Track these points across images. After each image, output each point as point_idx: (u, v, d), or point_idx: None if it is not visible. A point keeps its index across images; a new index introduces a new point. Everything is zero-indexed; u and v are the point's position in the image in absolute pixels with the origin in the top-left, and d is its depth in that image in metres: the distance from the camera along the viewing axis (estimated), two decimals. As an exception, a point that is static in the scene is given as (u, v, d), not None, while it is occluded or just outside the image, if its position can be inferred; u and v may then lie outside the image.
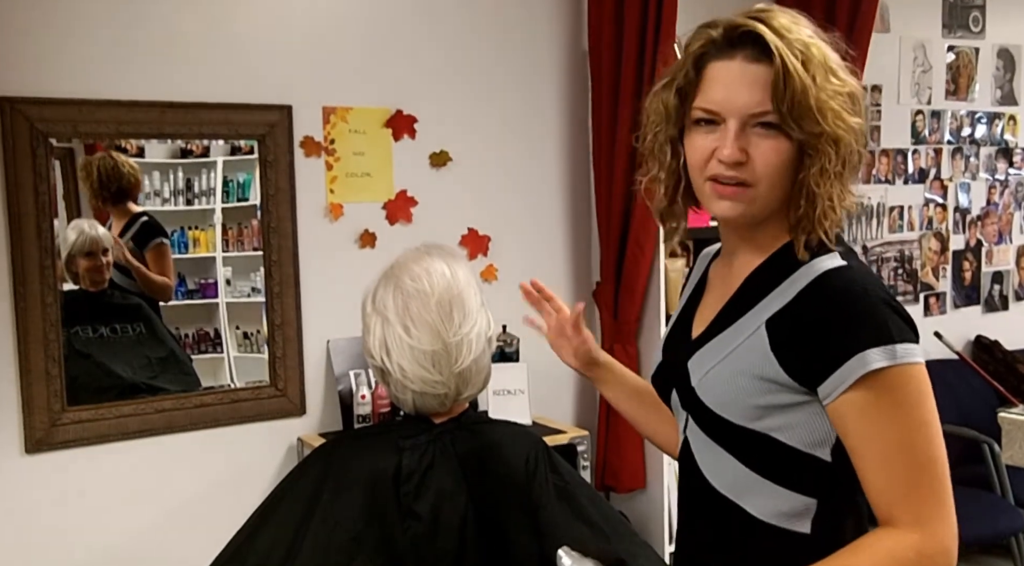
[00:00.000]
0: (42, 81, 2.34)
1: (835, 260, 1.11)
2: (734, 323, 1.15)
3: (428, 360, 1.39)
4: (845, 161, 1.10)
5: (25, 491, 2.38)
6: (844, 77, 1.10)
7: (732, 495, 1.16)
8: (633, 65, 2.84)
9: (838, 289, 1.07)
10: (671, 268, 2.98)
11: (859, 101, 1.11)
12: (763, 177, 1.10)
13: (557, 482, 1.48)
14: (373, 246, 2.78)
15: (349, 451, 1.46)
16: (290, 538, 1.39)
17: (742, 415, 1.12)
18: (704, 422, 1.18)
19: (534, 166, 3.05)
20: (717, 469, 1.18)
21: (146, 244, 2.63)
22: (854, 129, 1.09)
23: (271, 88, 2.61)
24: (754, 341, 1.11)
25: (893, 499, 1.04)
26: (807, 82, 1.06)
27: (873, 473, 1.05)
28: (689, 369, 1.20)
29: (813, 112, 1.07)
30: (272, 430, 2.68)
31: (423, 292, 1.40)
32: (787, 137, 1.08)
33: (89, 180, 2.50)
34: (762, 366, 1.09)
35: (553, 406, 3.08)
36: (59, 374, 2.38)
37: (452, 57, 2.88)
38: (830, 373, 1.04)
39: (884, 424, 1.03)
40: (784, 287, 1.11)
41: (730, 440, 1.15)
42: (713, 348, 1.17)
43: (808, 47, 1.08)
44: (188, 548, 2.51)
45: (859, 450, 1.06)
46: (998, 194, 4.24)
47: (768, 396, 1.10)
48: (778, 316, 1.10)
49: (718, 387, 1.15)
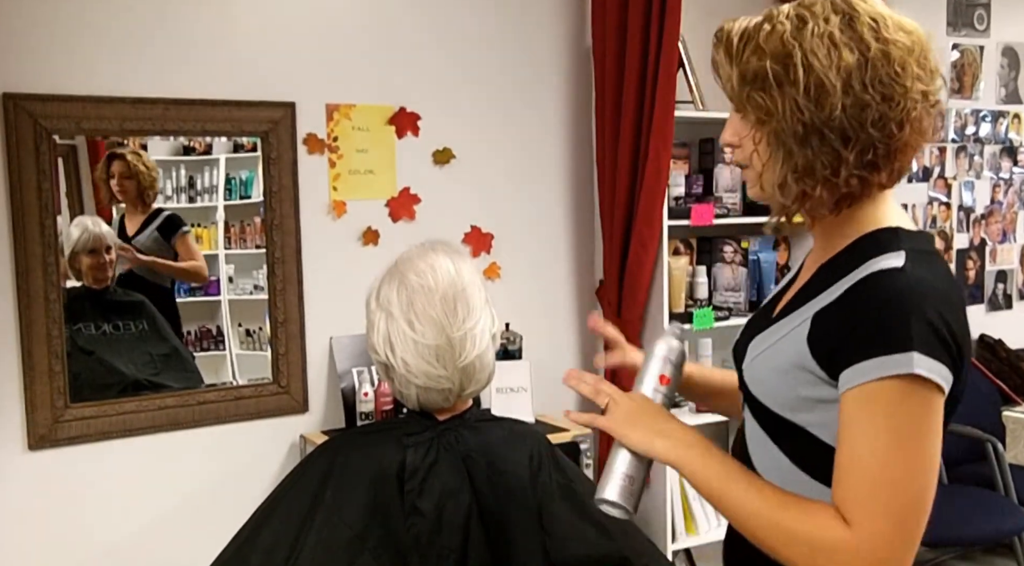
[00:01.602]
0: (46, 78, 2.34)
1: (893, 260, 1.05)
2: (793, 312, 1.15)
3: (432, 354, 1.39)
4: (772, 131, 1.08)
5: (28, 488, 2.38)
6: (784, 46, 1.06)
7: (774, 483, 1.14)
8: (637, 62, 2.83)
9: (877, 290, 1.04)
10: (674, 266, 2.97)
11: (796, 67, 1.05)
12: (750, 159, 1.13)
13: (561, 480, 1.48)
14: (376, 244, 2.78)
15: (353, 448, 1.45)
16: (294, 535, 1.39)
17: (782, 404, 1.13)
18: (752, 406, 1.19)
19: (537, 164, 3.04)
20: (764, 457, 1.18)
21: (172, 235, 2.65)
22: (763, 102, 1.07)
23: (275, 85, 2.61)
24: (799, 331, 1.11)
25: (847, 495, 1.01)
26: (724, 59, 1.11)
27: (843, 468, 1.02)
28: (747, 351, 1.21)
29: (729, 87, 1.11)
30: (275, 427, 2.68)
31: (427, 288, 1.40)
32: (757, 120, 1.10)
33: (133, 177, 2.54)
34: (799, 356, 1.09)
35: (555, 404, 3.07)
36: (62, 371, 2.39)
37: (455, 55, 2.88)
38: (846, 368, 1.03)
39: (870, 430, 1.00)
40: (841, 283, 1.09)
41: (773, 428, 1.15)
42: (768, 334, 1.18)
43: (747, 28, 1.11)
44: (190, 545, 2.51)
45: (844, 443, 1.03)
46: (1002, 193, 4.23)
47: (805, 388, 1.09)
48: (825, 310, 1.09)
49: (762, 372, 1.16)
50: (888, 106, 1.05)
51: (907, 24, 1.09)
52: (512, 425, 1.55)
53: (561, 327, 3.12)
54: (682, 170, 3.05)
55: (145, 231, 2.62)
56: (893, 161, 1.08)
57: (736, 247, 3.11)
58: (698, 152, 3.18)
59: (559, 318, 3.12)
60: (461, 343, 1.40)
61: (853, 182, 1.07)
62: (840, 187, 1.07)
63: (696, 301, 3.02)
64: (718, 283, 3.13)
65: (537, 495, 1.44)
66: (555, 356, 3.11)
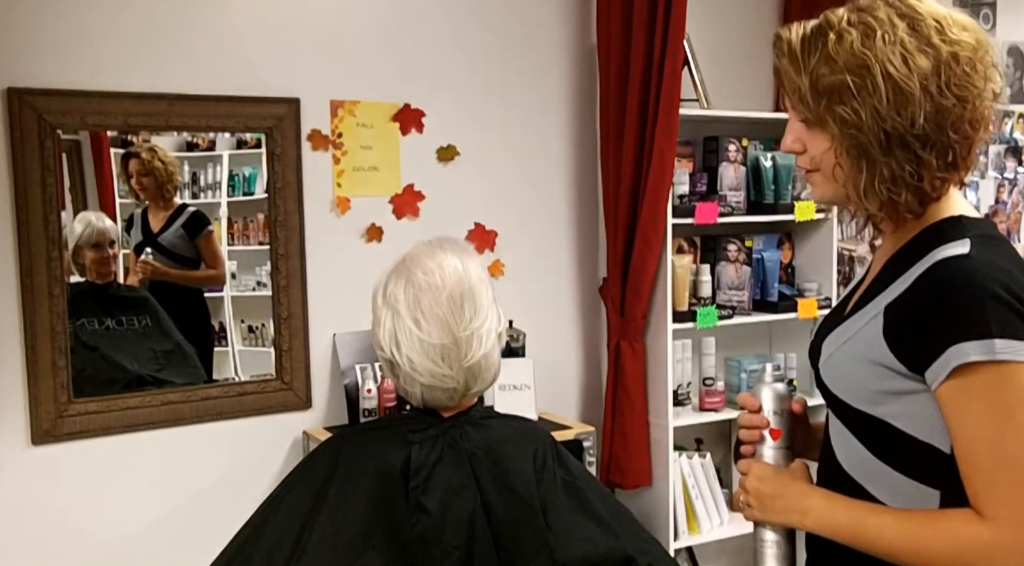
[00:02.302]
0: (50, 73, 2.34)
1: (958, 248, 1.08)
2: (863, 308, 1.16)
3: (437, 353, 1.39)
4: (855, 143, 1.09)
5: (31, 482, 2.38)
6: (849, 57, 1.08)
7: (861, 479, 1.17)
8: (641, 61, 2.83)
9: (946, 278, 1.05)
10: (678, 265, 2.97)
11: (875, 75, 1.06)
12: (818, 164, 1.15)
13: (565, 477, 1.48)
14: (380, 240, 2.78)
15: (358, 444, 1.45)
16: (297, 531, 1.39)
17: (861, 399, 1.14)
18: (831, 403, 1.20)
19: (541, 161, 3.04)
20: (847, 451, 1.19)
21: (198, 233, 2.65)
22: (846, 115, 1.08)
23: (279, 81, 2.61)
24: (872, 326, 1.12)
25: (975, 490, 1.04)
26: (790, 69, 1.11)
27: (962, 462, 1.05)
28: (822, 349, 1.22)
29: (800, 98, 1.12)
30: (277, 423, 2.68)
31: (434, 286, 1.40)
32: (813, 124, 1.13)
33: (151, 174, 2.54)
34: (875, 350, 1.10)
35: (559, 402, 3.08)
36: (66, 366, 2.38)
37: (460, 51, 2.87)
38: (931, 362, 1.04)
39: (973, 418, 1.03)
40: (909, 274, 1.11)
41: (854, 423, 1.16)
42: (841, 331, 1.19)
43: (807, 35, 1.12)
44: (193, 540, 2.51)
45: (955, 439, 1.06)
46: (1006, 192, 4.22)
47: (883, 381, 1.10)
48: (895, 302, 1.10)
49: (839, 369, 1.17)
50: (963, 108, 1.07)
51: (965, 21, 1.10)
52: (516, 422, 1.55)
53: (564, 325, 3.12)
54: (686, 168, 3.05)
55: (171, 228, 2.62)
56: (968, 159, 1.11)
57: (740, 245, 3.10)
58: (702, 150, 3.18)
59: (562, 316, 3.11)
60: (467, 343, 1.40)
61: (937, 184, 1.10)
62: (926, 190, 1.10)
63: (700, 299, 3.01)
64: (722, 281, 3.12)
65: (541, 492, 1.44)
66: (558, 354, 3.10)
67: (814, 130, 1.14)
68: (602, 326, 3.11)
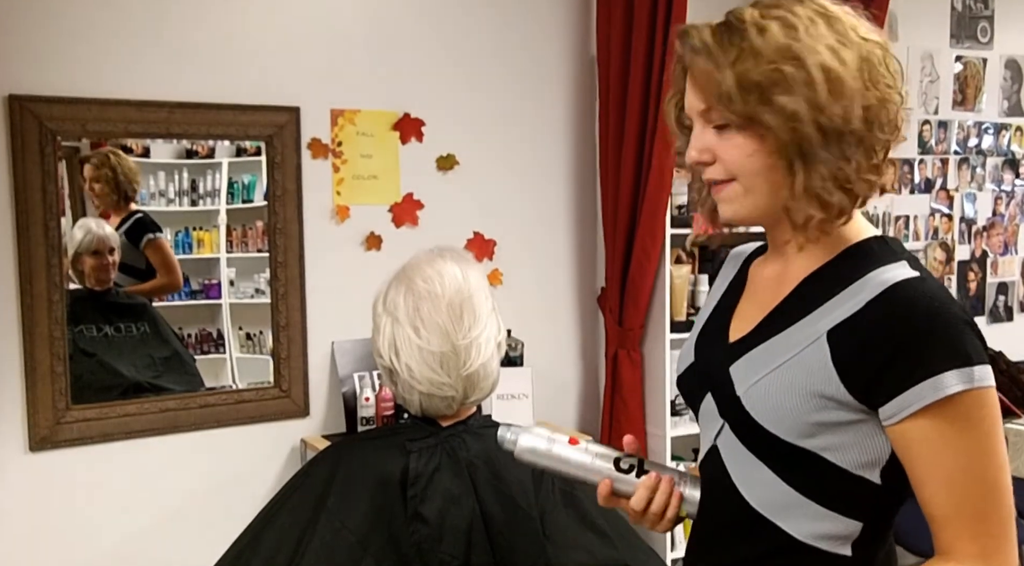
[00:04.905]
0: (51, 80, 2.34)
1: (905, 270, 1.01)
2: (785, 330, 1.06)
3: (436, 361, 1.39)
4: (792, 139, 0.99)
5: (29, 489, 2.38)
6: (798, 50, 0.98)
7: (770, 514, 1.07)
8: (641, 72, 2.84)
9: (912, 303, 0.97)
10: (676, 275, 2.97)
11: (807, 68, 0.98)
12: (738, 172, 1.04)
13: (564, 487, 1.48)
14: (379, 249, 2.78)
15: (356, 453, 1.45)
16: (296, 540, 1.39)
17: (793, 431, 1.03)
18: (746, 435, 1.08)
19: (540, 171, 3.04)
20: (755, 485, 1.08)
21: (139, 240, 2.62)
22: (782, 108, 0.98)
23: (279, 90, 2.62)
24: (813, 353, 1.02)
25: (957, 530, 0.97)
26: (708, 67, 1.00)
27: (938, 500, 0.98)
28: (732, 376, 1.09)
29: (721, 98, 1.00)
30: (275, 431, 2.68)
31: (434, 294, 1.40)
32: (738, 128, 1.02)
33: (101, 180, 2.51)
34: (821, 382, 1.01)
35: (556, 411, 3.08)
36: (64, 372, 2.38)
37: (460, 61, 2.88)
38: (897, 393, 0.96)
39: (953, 451, 0.96)
40: (846, 295, 1.02)
41: (774, 456, 1.06)
42: (761, 356, 1.07)
43: (719, 32, 1.02)
44: (191, 547, 2.51)
45: (923, 477, 0.98)
46: (1004, 205, 4.23)
47: (823, 413, 1.01)
48: (841, 328, 1.00)
49: (770, 400, 1.04)
50: (884, 107, 1.01)
51: (869, 23, 1.05)
52: (515, 432, 1.54)
53: (563, 334, 3.12)
54: (685, 179, 3.05)
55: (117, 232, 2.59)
56: (885, 163, 1.04)
57: (738, 256, 3.11)
58: (701, 161, 3.18)
59: (561, 325, 3.12)
60: (466, 351, 1.40)
61: (863, 187, 1.02)
62: (856, 193, 1.02)
63: (697, 309, 3.01)
64: (720, 292, 3.12)
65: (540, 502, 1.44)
66: (556, 363, 3.10)
67: (732, 134, 1.03)
68: (600, 336, 3.11)
